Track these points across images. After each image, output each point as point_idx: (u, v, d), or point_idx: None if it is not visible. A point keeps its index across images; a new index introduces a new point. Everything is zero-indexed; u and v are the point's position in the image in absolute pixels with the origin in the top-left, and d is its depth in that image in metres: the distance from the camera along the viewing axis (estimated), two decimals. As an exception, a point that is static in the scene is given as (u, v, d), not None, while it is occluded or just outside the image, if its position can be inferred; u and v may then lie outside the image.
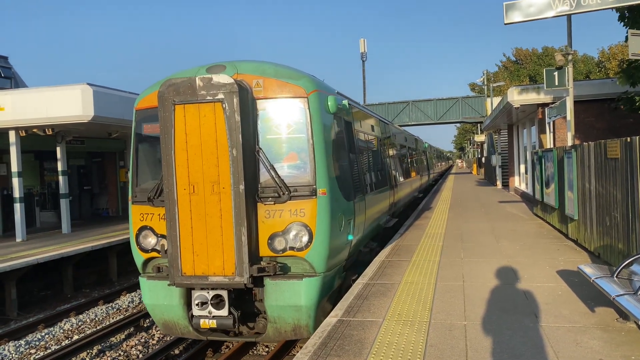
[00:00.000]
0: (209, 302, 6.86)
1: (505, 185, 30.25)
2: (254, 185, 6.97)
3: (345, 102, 8.59)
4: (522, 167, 24.64)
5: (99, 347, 10.11)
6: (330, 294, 7.65)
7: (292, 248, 6.99)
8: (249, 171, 6.79)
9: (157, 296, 7.41)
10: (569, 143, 13.84)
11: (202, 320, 6.93)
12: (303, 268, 7.09)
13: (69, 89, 15.30)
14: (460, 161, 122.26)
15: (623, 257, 7.32)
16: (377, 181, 11.39)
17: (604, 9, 12.57)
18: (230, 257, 6.66)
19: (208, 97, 6.65)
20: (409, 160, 20.10)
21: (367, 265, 9.37)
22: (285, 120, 7.28)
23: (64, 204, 18.33)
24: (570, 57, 13.90)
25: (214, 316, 6.87)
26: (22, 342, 10.57)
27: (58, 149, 18.18)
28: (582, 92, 17.13)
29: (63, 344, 10.43)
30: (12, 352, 10.05)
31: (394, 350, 5.17)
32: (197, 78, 6.68)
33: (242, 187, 6.57)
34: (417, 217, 16.51)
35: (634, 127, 16.34)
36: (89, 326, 11.57)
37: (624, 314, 5.73)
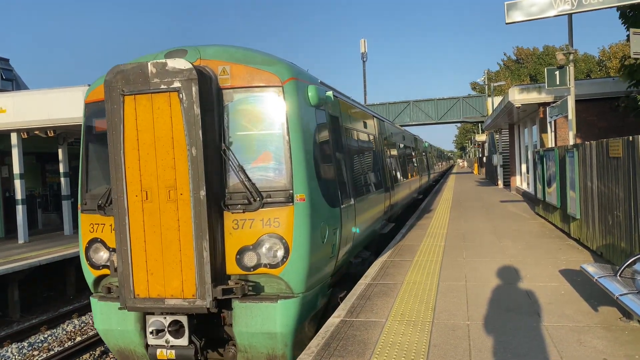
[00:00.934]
0: (165, 330, 5.89)
1: (507, 184, 30.24)
2: (219, 190, 6.03)
3: (329, 93, 7.49)
4: (524, 166, 24.63)
5: (102, 349, 10.12)
6: (314, 315, 6.72)
7: (265, 265, 6.00)
8: (212, 174, 5.88)
9: (110, 320, 6.45)
10: (571, 142, 13.84)
11: (158, 350, 5.98)
12: (278, 288, 6.12)
13: (70, 90, 15.35)
14: (461, 161, 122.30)
15: (626, 256, 7.31)
16: (370, 183, 10.43)
17: (605, 8, 12.56)
18: (190, 277, 5.73)
19: (162, 86, 5.71)
20: (408, 160, 19.08)
21: (358, 279, 8.49)
22: (257, 114, 6.29)
23: (65, 206, 18.38)
24: (571, 56, 13.90)
25: (172, 345, 5.92)
26: (25, 343, 10.60)
27: (60, 150, 18.23)
28: (584, 91, 17.13)
29: (66, 345, 10.45)
30: (15, 353, 10.07)
31: (397, 351, 5.17)
32: (149, 64, 5.73)
33: (202, 193, 5.66)
34: (419, 217, 16.51)
35: (636, 126, 16.32)
36: (92, 328, 11.58)
37: (627, 313, 5.73)
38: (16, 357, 9.95)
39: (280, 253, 5.98)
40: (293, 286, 6.07)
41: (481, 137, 50.03)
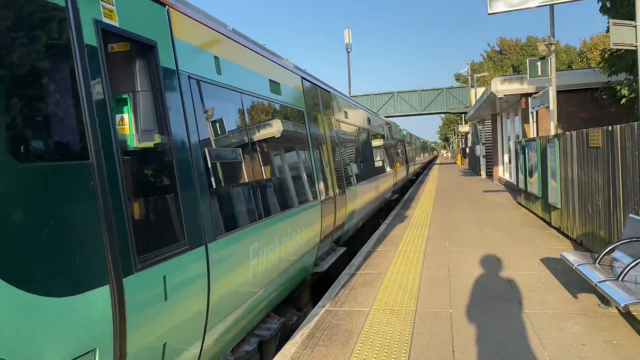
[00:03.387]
0: None
1: (490, 175, 30.51)
2: None
3: None
4: (506, 156, 24.86)
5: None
6: None
7: None
8: None
9: None
10: (552, 132, 13.99)
11: None
12: None
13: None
14: (445, 152, 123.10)
15: (605, 244, 7.45)
16: (287, 193, 6.11)
17: (585, -1, 12.69)
18: None
19: None
20: (377, 151, 15.21)
21: None
22: None
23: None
24: (552, 48, 14.02)
25: None
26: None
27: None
28: (565, 81, 17.33)
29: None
30: None
31: (381, 339, 5.21)
32: None
33: None
34: (403, 208, 16.61)
35: (616, 116, 16.56)
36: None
37: (605, 300, 5.84)
38: None
39: None
40: None
41: (464, 128, 50.37)
